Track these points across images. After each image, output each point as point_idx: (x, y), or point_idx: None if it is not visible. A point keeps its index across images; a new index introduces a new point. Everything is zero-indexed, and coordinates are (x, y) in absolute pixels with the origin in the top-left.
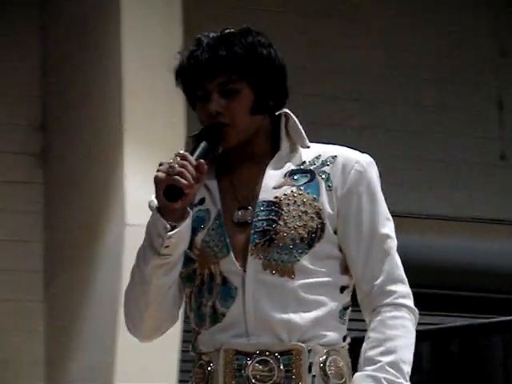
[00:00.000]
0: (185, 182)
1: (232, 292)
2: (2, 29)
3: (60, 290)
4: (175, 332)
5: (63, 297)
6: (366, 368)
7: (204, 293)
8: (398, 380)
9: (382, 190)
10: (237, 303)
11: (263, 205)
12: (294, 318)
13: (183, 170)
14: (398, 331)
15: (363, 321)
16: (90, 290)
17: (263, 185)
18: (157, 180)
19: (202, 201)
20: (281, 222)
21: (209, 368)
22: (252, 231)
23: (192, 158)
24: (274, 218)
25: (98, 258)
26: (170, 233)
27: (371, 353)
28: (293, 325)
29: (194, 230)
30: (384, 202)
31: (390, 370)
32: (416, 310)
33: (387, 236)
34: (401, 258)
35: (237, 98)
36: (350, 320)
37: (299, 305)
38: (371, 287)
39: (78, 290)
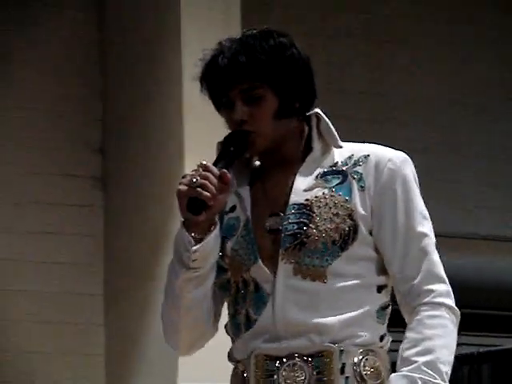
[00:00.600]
0: (207, 193)
1: (264, 298)
2: (66, 49)
3: (120, 314)
4: None
5: (124, 321)
6: (402, 369)
7: (239, 301)
8: (435, 380)
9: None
10: (267, 309)
11: (294, 208)
12: (325, 320)
13: (205, 181)
14: (436, 330)
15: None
16: (151, 315)
17: (294, 188)
18: (179, 193)
19: (232, 208)
20: (312, 225)
21: (244, 375)
22: (283, 234)
23: (215, 169)
24: (305, 221)
25: (160, 280)
26: (194, 247)
27: (407, 353)
28: (323, 326)
29: (225, 239)
30: (421, 199)
31: (426, 370)
32: (457, 309)
33: (424, 234)
34: (461, 279)
35: (261, 104)
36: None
37: (331, 308)
38: (409, 287)
39: (139, 314)
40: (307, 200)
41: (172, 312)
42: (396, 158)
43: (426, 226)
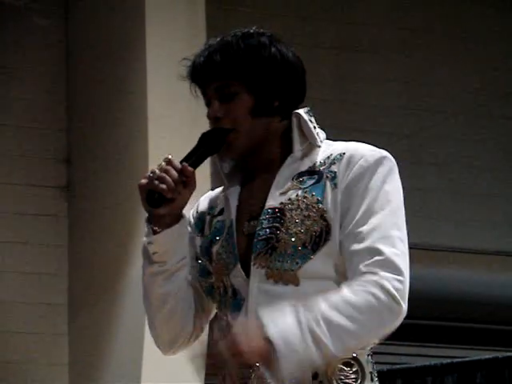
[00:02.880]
0: (163, 186)
1: (240, 304)
2: (28, 63)
3: (85, 323)
4: None
5: (88, 330)
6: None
7: (222, 306)
8: (325, 340)
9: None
10: (242, 315)
11: (268, 212)
12: None
13: (164, 174)
14: (357, 301)
15: (395, 354)
16: (115, 323)
17: (271, 192)
18: (139, 186)
19: (221, 212)
20: (283, 229)
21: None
22: (255, 240)
23: (177, 163)
24: (277, 225)
25: (123, 291)
26: (145, 238)
27: (317, 302)
28: None
29: (212, 243)
30: (392, 199)
31: (322, 323)
32: (403, 306)
33: (379, 225)
34: (427, 291)
35: (235, 101)
36: (381, 353)
37: None
38: (354, 271)
39: (103, 323)
40: (281, 203)
41: (147, 308)
42: (370, 156)
43: (387, 220)
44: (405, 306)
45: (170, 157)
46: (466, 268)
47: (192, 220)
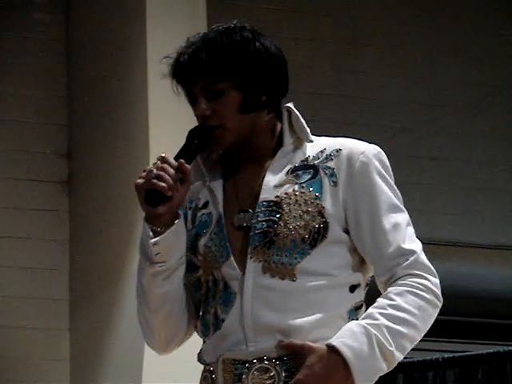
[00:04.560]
0: (163, 184)
1: (232, 297)
2: (28, 57)
3: (86, 318)
4: None
5: (89, 325)
6: (363, 320)
7: (209, 300)
8: (390, 347)
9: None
10: (235, 309)
11: (263, 205)
12: (295, 321)
13: (161, 172)
14: (414, 308)
15: None
16: (117, 318)
17: (264, 184)
18: (136, 186)
19: (205, 204)
20: (281, 223)
21: (213, 378)
22: (251, 233)
23: (172, 160)
24: (275, 218)
25: (125, 286)
26: (152, 240)
27: (374, 310)
28: (293, 328)
29: (198, 236)
30: (395, 191)
31: (385, 333)
32: (441, 298)
33: (399, 224)
34: None
35: (222, 99)
36: None
37: (301, 308)
38: (391, 271)
39: (105, 318)
40: (277, 197)
41: (144, 310)
42: (368, 152)
43: (402, 217)
44: (441, 298)
45: (164, 155)
46: (466, 262)
47: None
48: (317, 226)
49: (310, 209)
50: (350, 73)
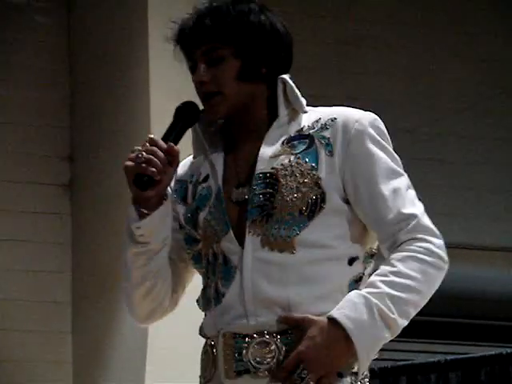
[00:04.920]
0: (153, 169)
1: (232, 271)
2: (30, 59)
3: (88, 321)
4: None
5: (92, 328)
6: (364, 289)
7: (209, 274)
8: (392, 315)
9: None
10: (235, 283)
11: (260, 177)
12: (294, 295)
13: (151, 156)
14: (416, 273)
15: (399, 350)
16: (119, 321)
17: (260, 156)
18: (125, 169)
19: (206, 178)
20: (278, 196)
21: (213, 352)
22: (249, 207)
23: (162, 143)
24: (271, 191)
25: None
26: (136, 223)
27: (376, 278)
28: (292, 302)
29: (198, 209)
30: (394, 156)
31: (387, 300)
32: (447, 260)
33: (399, 188)
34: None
35: (222, 65)
36: (385, 350)
37: (301, 281)
38: (393, 239)
39: (107, 321)
40: (273, 168)
41: (126, 284)
42: (363, 119)
43: (402, 182)
44: (447, 259)
45: (152, 136)
46: (469, 264)
47: (172, 187)
48: (314, 197)
49: (306, 180)
50: (350, 74)
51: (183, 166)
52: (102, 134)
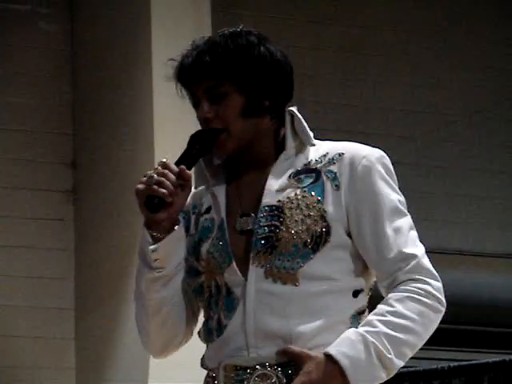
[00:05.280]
0: (163, 190)
1: (234, 303)
2: (33, 66)
3: (92, 327)
4: None
5: (95, 334)
6: (361, 327)
7: (212, 305)
8: (388, 355)
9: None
10: (237, 314)
11: (265, 210)
12: (296, 327)
13: (162, 179)
14: (414, 314)
15: None
16: (122, 327)
17: (266, 189)
18: (136, 192)
19: (208, 209)
20: (283, 228)
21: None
22: (254, 238)
23: (174, 166)
24: (277, 223)
25: (130, 294)
26: (152, 246)
27: (373, 317)
28: (294, 334)
29: (200, 241)
30: (398, 194)
31: (383, 340)
32: (444, 302)
33: (401, 228)
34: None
35: (225, 102)
36: None
37: (303, 313)
38: (392, 278)
39: (110, 327)
40: (279, 201)
41: (141, 314)
42: (371, 155)
43: (405, 222)
44: (445, 301)
45: (165, 160)
46: (473, 271)
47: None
48: (319, 230)
49: (311, 213)
50: (353, 81)
51: None
52: (105, 141)
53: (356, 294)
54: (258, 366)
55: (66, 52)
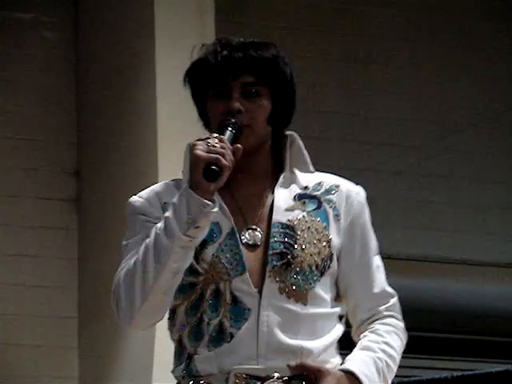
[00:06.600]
0: (226, 162)
1: (245, 313)
2: (37, 75)
3: (95, 336)
4: None
5: (98, 343)
6: (366, 352)
7: (205, 309)
8: (388, 379)
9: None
10: (249, 325)
11: (278, 226)
12: (306, 344)
13: (225, 151)
14: (396, 345)
15: (405, 367)
16: (125, 336)
17: (275, 206)
18: (196, 157)
19: None
20: (297, 247)
21: None
22: (270, 252)
23: (228, 143)
24: (290, 241)
25: None
26: (214, 209)
27: (370, 344)
28: (305, 350)
29: (204, 243)
30: (375, 238)
31: (385, 366)
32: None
33: (380, 265)
34: (437, 303)
35: (258, 101)
36: None
37: (311, 332)
38: (373, 311)
39: (113, 336)
40: (289, 221)
41: (136, 290)
42: (361, 192)
43: (380, 260)
44: None
45: (220, 136)
46: (477, 280)
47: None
48: (327, 255)
49: (321, 238)
50: (358, 91)
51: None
52: (109, 150)
53: (340, 318)
54: (268, 376)
55: (69, 60)
